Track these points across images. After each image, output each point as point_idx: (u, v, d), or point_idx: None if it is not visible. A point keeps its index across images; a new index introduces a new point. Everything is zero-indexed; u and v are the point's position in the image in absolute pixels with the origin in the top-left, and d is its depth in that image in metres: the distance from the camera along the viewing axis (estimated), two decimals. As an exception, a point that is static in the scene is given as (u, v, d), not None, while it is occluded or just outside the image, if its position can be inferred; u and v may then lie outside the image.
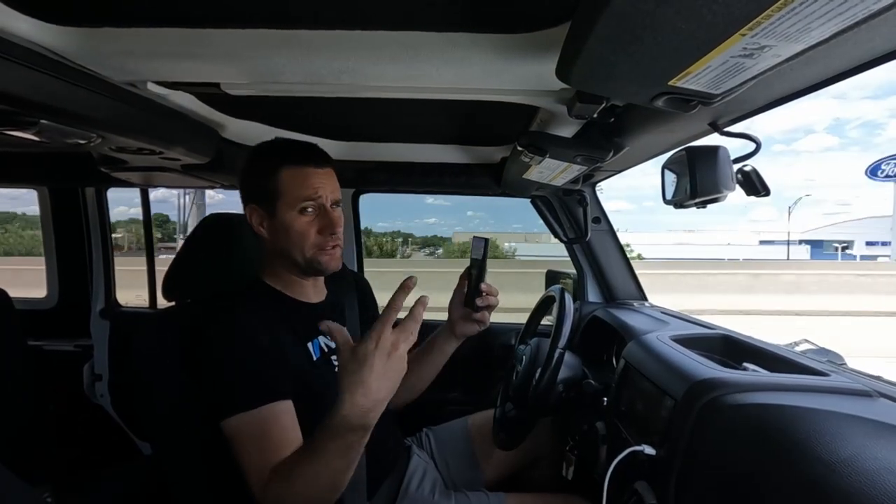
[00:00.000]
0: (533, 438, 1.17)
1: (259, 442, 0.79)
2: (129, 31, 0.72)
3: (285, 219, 0.92)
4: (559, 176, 1.18)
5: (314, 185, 0.92)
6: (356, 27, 0.69)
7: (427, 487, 1.11)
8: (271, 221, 0.94)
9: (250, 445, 0.79)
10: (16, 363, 1.50)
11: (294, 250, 0.94)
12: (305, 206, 0.92)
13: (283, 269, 0.98)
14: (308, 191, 0.92)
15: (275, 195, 0.92)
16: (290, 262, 0.96)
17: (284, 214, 0.92)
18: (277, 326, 0.90)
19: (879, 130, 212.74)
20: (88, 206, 2.10)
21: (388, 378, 0.68)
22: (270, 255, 0.98)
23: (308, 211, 0.92)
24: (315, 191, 0.92)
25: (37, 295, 2.21)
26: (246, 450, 0.79)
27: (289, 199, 0.92)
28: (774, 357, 0.91)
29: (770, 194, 0.83)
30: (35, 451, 1.54)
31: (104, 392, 1.98)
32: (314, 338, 0.97)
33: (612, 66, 0.53)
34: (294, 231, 0.92)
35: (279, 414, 0.82)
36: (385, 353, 0.68)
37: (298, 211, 0.92)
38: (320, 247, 0.94)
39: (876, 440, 0.56)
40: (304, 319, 0.97)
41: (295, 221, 0.92)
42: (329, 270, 0.97)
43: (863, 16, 0.38)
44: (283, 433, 0.80)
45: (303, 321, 0.96)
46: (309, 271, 0.97)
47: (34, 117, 0.80)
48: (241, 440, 0.79)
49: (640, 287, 1.73)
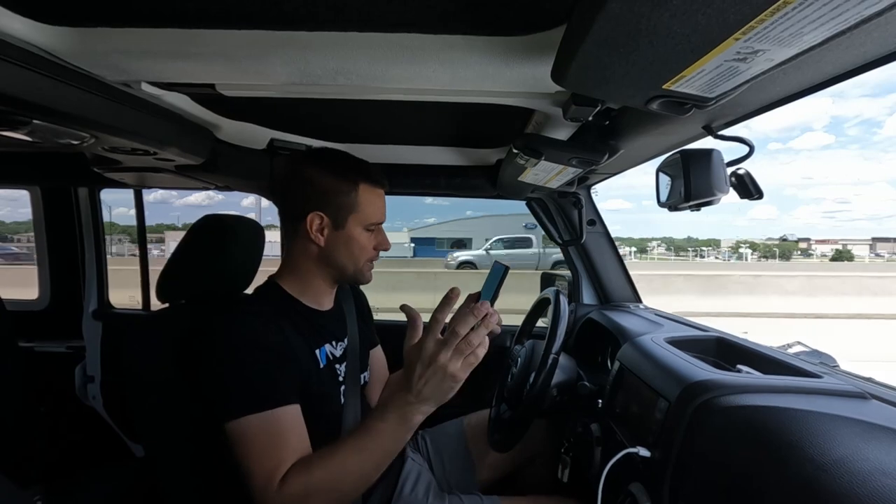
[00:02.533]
0: (528, 440, 1.16)
1: (268, 445, 0.78)
2: (124, 32, 0.71)
3: (353, 233, 0.96)
4: (554, 178, 1.19)
5: (383, 207, 1.00)
6: (351, 28, 0.69)
7: (421, 490, 1.10)
8: (335, 231, 0.95)
9: (259, 448, 0.78)
10: (7, 364, 1.48)
11: (348, 261, 0.97)
12: (373, 226, 0.98)
13: (318, 274, 0.99)
14: (379, 214, 0.99)
15: (348, 209, 0.94)
16: (335, 270, 0.98)
17: (353, 229, 0.96)
18: (288, 329, 0.90)
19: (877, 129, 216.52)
20: (81, 206, 2.08)
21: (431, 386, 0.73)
22: (310, 260, 0.97)
23: (372, 229, 0.98)
24: (383, 214, 1.00)
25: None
26: (253, 452, 0.78)
27: (361, 217, 0.96)
28: (768, 359, 0.91)
29: (763, 197, 0.83)
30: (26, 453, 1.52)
31: (96, 394, 1.96)
32: (322, 345, 0.97)
33: (607, 69, 0.54)
34: (358, 245, 0.97)
35: (289, 417, 0.81)
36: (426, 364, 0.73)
37: (365, 228, 0.97)
38: (370, 261, 1.00)
39: (868, 441, 0.57)
40: (313, 326, 0.97)
41: (361, 237, 0.97)
42: (367, 282, 1.04)
43: (855, 20, 0.38)
44: (293, 437, 0.80)
45: (312, 327, 0.97)
46: (350, 280, 1.02)
47: (27, 117, 0.80)
48: (249, 442, 0.78)
49: (635, 289, 1.73)
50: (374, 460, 0.77)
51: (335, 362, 0.99)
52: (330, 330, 1.02)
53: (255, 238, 1.13)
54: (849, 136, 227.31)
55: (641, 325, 1.29)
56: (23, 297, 2.21)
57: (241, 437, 0.78)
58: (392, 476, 1.11)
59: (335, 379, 0.99)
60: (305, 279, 0.99)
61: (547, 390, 1.08)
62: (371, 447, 0.76)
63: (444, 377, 0.72)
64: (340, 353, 1.02)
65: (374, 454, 0.77)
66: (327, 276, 1.00)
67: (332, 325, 1.03)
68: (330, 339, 1.00)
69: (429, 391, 0.73)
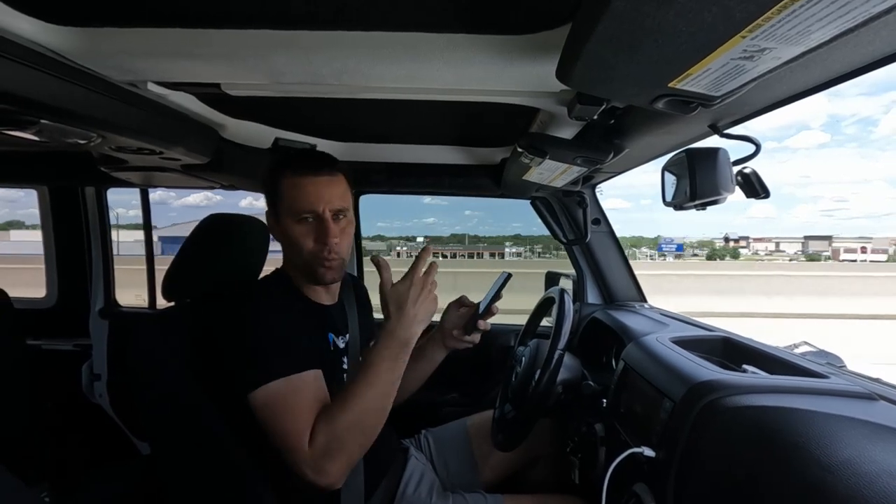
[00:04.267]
0: (532, 440, 1.16)
1: (296, 407, 0.81)
2: (130, 32, 0.72)
3: (286, 226, 0.94)
4: (559, 177, 1.18)
5: (308, 193, 0.91)
6: (356, 28, 0.69)
7: (424, 490, 1.10)
8: (277, 227, 0.97)
9: (288, 411, 0.80)
10: (14, 362, 1.50)
11: (295, 257, 0.96)
12: (302, 216, 0.92)
13: (296, 272, 1.00)
14: (302, 202, 0.91)
15: (277, 203, 0.94)
16: (296, 268, 0.99)
17: (285, 220, 0.94)
18: (299, 315, 0.93)
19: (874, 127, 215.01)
20: (88, 205, 2.10)
21: (424, 308, 0.86)
22: (285, 256, 1.01)
23: (307, 220, 0.92)
24: (309, 200, 0.91)
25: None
26: (285, 413, 0.80)
27: (286, 207, 0.93)
28: (774, 359, 0.91)
29: (770, 196, 0.83)
30: (33, 450, 1.53)
31: (103, 392, 1.97)
32: (328, 332, 1.00)
33: (613, 67, 0.53)
34: (291, 238, 0.93)
35: (315, 379, 0.85)
36: (418, 289, 0.86)
37: (296, 220, 0.92)
38: (316, 256, 0.93)
39: (875, 443, 0.56)
40: (317, 318, 0.99)
41: (291, 229, 0.93)
42: (326, 282, 0.98)
43: (863, 18, 0.38)
44: (320, 396, 0.84)
45: (317, 319, 0.99)
46: (310, 279, 0.98)
47: (34, 117, 0.80)
48: (280, 405, 0.80)
49: (640, 288, 1.73)
50: (387, 390, 0.83)
51: (340, 354, 1.02)
52: (334, 323, 1.03)
53: (260, 237, 1.14)
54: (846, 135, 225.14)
55: (646, 325, 1.28)
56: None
57: (271, 402, 0.81)
58: (395, 476, 1.11)
59: (339, 367, 1.01)
60: (296, 275, 1.01)
61: (552, 387, 1.08)
62: (382, 378, 0.83)
63: (430, 298, 0.87)
64: (343, 345, 1.03)
65: (386, 384, 0.83)
66: (298, 271, 0.99)
67: (335, 318, 1.05)
68: (334, 332, 1.02)
69: (422, 312, 0.86)
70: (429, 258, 0.90)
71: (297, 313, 0.93)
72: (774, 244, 53.18)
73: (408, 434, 1.32)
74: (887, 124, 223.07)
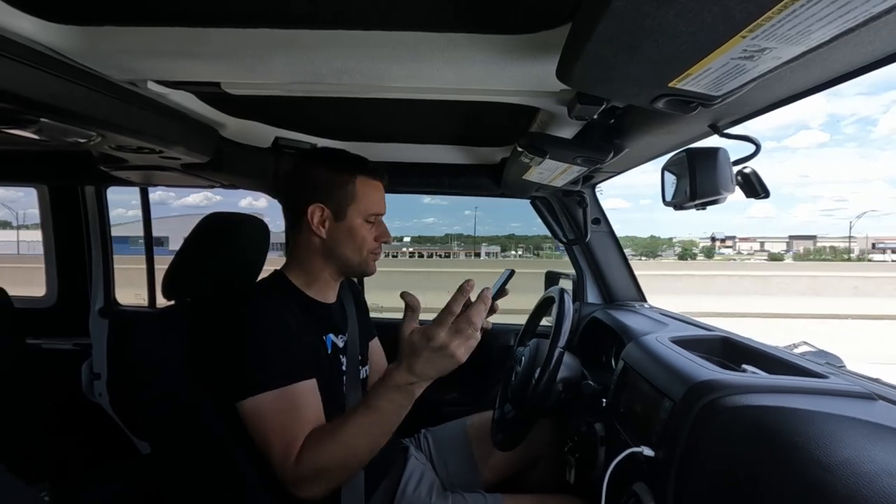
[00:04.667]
0: (531, 440, 1.16)
1: (286, 420, 0.82)
2: (130, 30, 0.72)
3: (354, 224, 0.99)
4: (559, 177, 1.18)
5: (381, 200, 1.03)
6: (357, 27, 0.69)
7: (424, 489, 1.10)
8: (336, 223, 0.98)
9: (277, 423, 0.81)
10: (14, 361, 1.49)
11: (352, 252, 1.00)
12: (371, 217, 1.00)
13: (324, 267, 1.02)
14: (378, 205, 1.02)
15: (347, 200, 0.98)
16: (340, 261, 1.01)
17: (354, 219, 0.99)
18: (298, 315, 0.94)
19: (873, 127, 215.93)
20: (88, 204, 2.10)
21: (433, 366, 0.78)
22: (315, 252, 1.01)
23: (372, 221, 1.01)
24: (382, 205, 1.03)
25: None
26: (274, 425, 0.81)
27: (361, 207, 0.99)
28: (773, 359, 0.91)
29: (769, 196, 0.83)
30: (33, 450, 1.53)
31: (102, 391, 1.97)
32: (327, 334, 1.01)
33: (613, 67, 0.53)
34: (359, 236, 1.00)
35: (307, 392, 0.86)
36: (433, 349, 0.76)
37: (365, 219, 1.00)
38: (373, 251, 1.03)
39: (874, 442, 0.56)
40: (317, 317, 1.00)
41: (362, 228, 1.00)
42: (371, 272, 1.06)
43: (863, 18, 0.38)
44: (309, 412, 0.85)
45: (318, 316, 1.00)
46: (355, 272, 1.05)
47: (34, 115, 0.80)
48: (269, 416, 0.82)
49: (640, 288, 1.73)
50: (380, 433, 0.83)
51: (338, 353, 1.02)
52: (333, 322, 1.04)
53: (260, 236, 1.14)
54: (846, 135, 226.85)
55: (646, 325, 1.28)
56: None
57: (260, 414, 0.82)
58: (394, 475, 1.11)
59: (338, 368, 1.01)
60: (311, 272, 1.02)
61: (552, 386, 1.08)
62: (377, 423, 0.81)
63: (449, 359, 0.77)
64: (342, 345, 1.04)
65: (380, 428, 0.82)
66: (332, 268, 1.02)
67: (335, 317, 1.06)
68: (334, 330, 1.02)
69: (432, 371, 0.79)
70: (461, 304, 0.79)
71: (298, 313, 0.93)
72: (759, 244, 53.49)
73: (407, 434, 1.32)
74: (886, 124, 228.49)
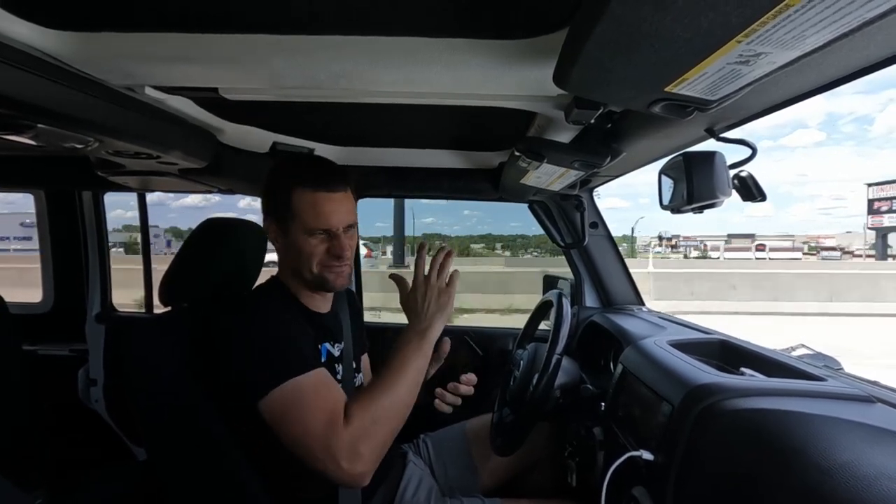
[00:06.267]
0: (530, 444, 1.16)
1: (320, 395, 0.82)
2: (128, 36, 0.72)
3: (297, 240, 0.93)
4: (556, 181, 1.19)
5: (325, 213, 0.92)
6: (354, 32, 0.70)
7: (423, 495, 1.10)
8: (284, 239, 0.96)
9: (311, 401, 0.80)
10: (10, 368, 1.48)
11: (303, 268, 0.95)
12: (316, 233, 0.93)
13: (295, 280, 1.00)
14: (318, 221, 0.92)
15: (288, 216, 0.93)
16: (299, 277, 0.98)
17: (297, 236, 0.93)
18: (296, 320, 0.94)
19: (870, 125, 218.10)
20: (85, 210, 2.09)
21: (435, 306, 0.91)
22: (283, 264, 1.01)
23: (320, 234, 0.93)
24: (326, 219, 0.92)
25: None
26: (307, 407, 0.80)
27: (300, 224, 0.92)
28: (772, 362, 0.91)
29: (766, 199, 0.83)
30: (29, 456, 1.52)
31: (99, 397, 1.96)
32: (323, 342, 1.00)
33: (610, 72, 0.54)
34: (304, 252, 0.94)
35: (326, 376, 0.86)
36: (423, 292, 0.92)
37: (309, 235, 0.93)
38: (326, 265, 0.95)
39: (873, 446, 0.57)
40: (312, 325, 0.98)
41: (305, 244, 0.93)
42: (336, 288, 0.99)
43: (857, 23, 0.38)
44: (335, 388, 0.86)
45: (313, 325, 0.99)
46: (317, 287, 0.99)
47: (31, 121, 0.80)
48: (300, 400, 0.80)
49: (638, 292, 1.73)
50: (414, 378, 0.88)
51: (334, 361, 1.01)
52: (329, 330, 1.03)
53: (257, 240, 1.13)
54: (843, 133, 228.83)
55: (644, 328, 1.28)
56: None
57: (291, 400, 0.80)
58: (393, 481, 1.11)
59: (334, 375, 0.99)
60: (293, 283, 1.01)
61: (550, 391, 1.08)
62: (407, 368, 0.87)
63: (439, 293, 0.92)
64: (338, 354, 1.03)
65: (411, 373, 0.87)
66: (301, 281, 0.99)
67: (330, 326, 1.05)
68: (329, 339, 1.01)
69: (434, 309, 0.91)
70: (423, 261, 0.94)
71: (295, 320, 0.93)
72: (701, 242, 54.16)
73: (406, 439, 1.31)
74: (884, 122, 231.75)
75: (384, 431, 0.82)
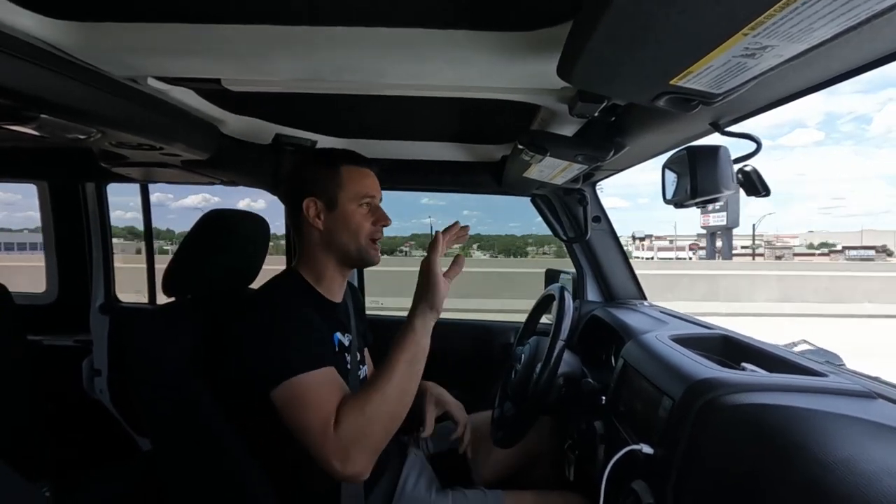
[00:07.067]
0: (531, 437, 1.16)
1: (320, 398, 0.82)
2: (131, 27, 0.72)
3: (346, 210, 0.99)
4: (559, 175, 1.18)
5: (371, 184, 1.03)
6: (357, 24, 0.69)
7: (424, 486, 1.11)
8: (330, 213, 0.99)
9: (312, 403, 0.81)
10: (15, 358, 1.50)
11: (349, 238, 1.00)
12: (365, 200, 1.01)
13: (327, 261, 1.02)
14: (367, 188, 1.02)
15: (336, 188, 0.99)
16: (340, 251, 1.01)
17: (346, 205, 0.99)
18: (313, 310, 0.95)
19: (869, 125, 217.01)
20: (88, 201, 2.10)
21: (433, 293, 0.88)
22: (316, 247, 1.02)
23: (366, 205, 1.01)
24: (372, 188, 1.03)
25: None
26: (307, 408, 0.81)
27: (350, 193, 0.99)
28: (773, 357, 0.91)
29: (770, 194, 0.83)
30: (34, 446, 1.54)
31: (103, 387, 1.98)
32: (335, 331, 1.01)
33: (614, 65, 0.53)
34: (354, 221, 0.99)
35: (332, 374, 0.87)
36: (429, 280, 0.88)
37: (358, 204, 1.00)
38: (372, 237, 1.02)
39: (874, 441, 0.57)
40: (327, 314, 1.00)
41: (356, 213, 1.00)
42: (374, 262, 1.05)
43: (865, 16, 0.38)
44: (339, 389, 0.86)
45: (326, 315, 1.00)
46: (357, 262, 1.04)
47: (34, 112, 0.80)
48: (302, 400, 0.81)
49: (640, 286, 1.73)
50: (412, 371, 0.86)
51: (344, 351, 1.02)
52: (340, 320, 1.04)
53: (260, 233, 1.13)
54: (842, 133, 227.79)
55: (646, 323, 1.29)
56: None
57: (294, 397, 0.81)
58: (394, 471, 1.11)
59: (344, 366, 1.01)
60: (318, 268, 1.02)
61: (553, 381, 1.08)
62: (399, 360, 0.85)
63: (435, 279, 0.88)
64: (348, 343, 1.04)
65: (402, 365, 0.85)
66: (335, 261, 1.02)
67: (343, 315, 1.06)
68: (341, 329, 1.02)
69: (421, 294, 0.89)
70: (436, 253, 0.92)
71: (312, 310, 0.94)
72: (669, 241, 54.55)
73: (406, 431, 1.32)
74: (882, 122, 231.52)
75: (379, 428, 0.82)
